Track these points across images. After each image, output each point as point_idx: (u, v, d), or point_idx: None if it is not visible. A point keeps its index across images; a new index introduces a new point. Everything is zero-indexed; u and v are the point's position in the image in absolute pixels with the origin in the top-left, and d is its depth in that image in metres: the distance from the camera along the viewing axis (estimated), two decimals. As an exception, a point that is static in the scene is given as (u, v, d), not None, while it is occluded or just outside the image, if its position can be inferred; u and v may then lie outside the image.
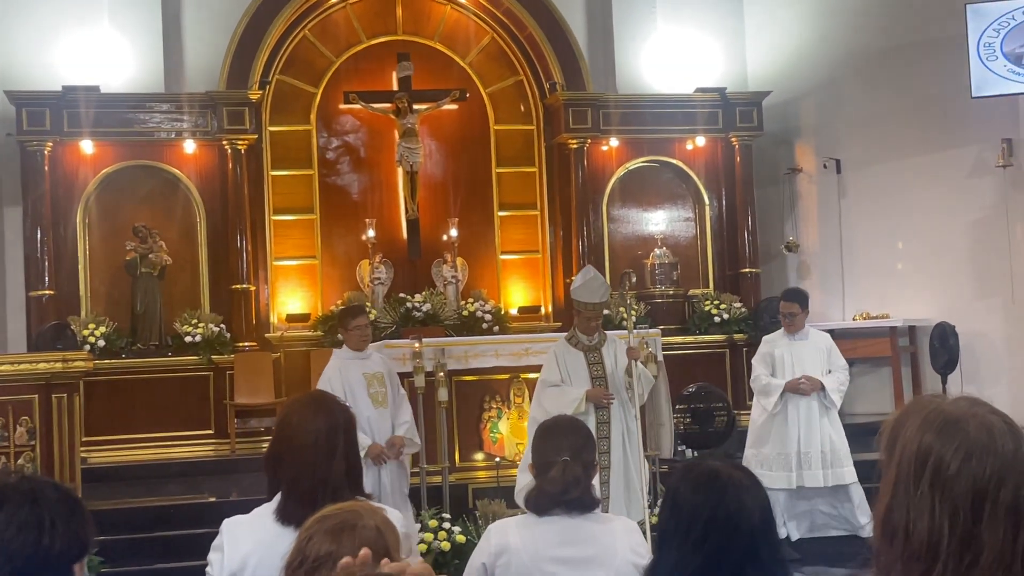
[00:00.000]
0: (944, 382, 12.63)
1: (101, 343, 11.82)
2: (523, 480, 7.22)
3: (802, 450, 8.77)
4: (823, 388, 8.78)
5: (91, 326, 11.92)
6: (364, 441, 7.51)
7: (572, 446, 3.56)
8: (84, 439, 10.31)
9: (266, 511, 3.16)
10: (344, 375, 7.95)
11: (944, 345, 12.60)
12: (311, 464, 3.09)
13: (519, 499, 7.15)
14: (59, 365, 7.91)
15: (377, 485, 7.67)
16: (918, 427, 1.76)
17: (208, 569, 3.17)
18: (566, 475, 3.49)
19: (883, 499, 1.77)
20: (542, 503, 3.53)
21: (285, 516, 3.10)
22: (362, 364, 8.05)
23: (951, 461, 1.71)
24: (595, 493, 3.62)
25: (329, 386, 7.71)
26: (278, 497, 3.17)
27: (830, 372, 8.93)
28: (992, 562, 1.68)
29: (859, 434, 12.39)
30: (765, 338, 9.23)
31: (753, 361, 9.17)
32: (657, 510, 8.24)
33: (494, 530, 3.66)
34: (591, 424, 7.29)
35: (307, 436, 3.12)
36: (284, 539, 2.94)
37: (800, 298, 8.97)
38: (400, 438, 7.99)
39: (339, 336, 8.91)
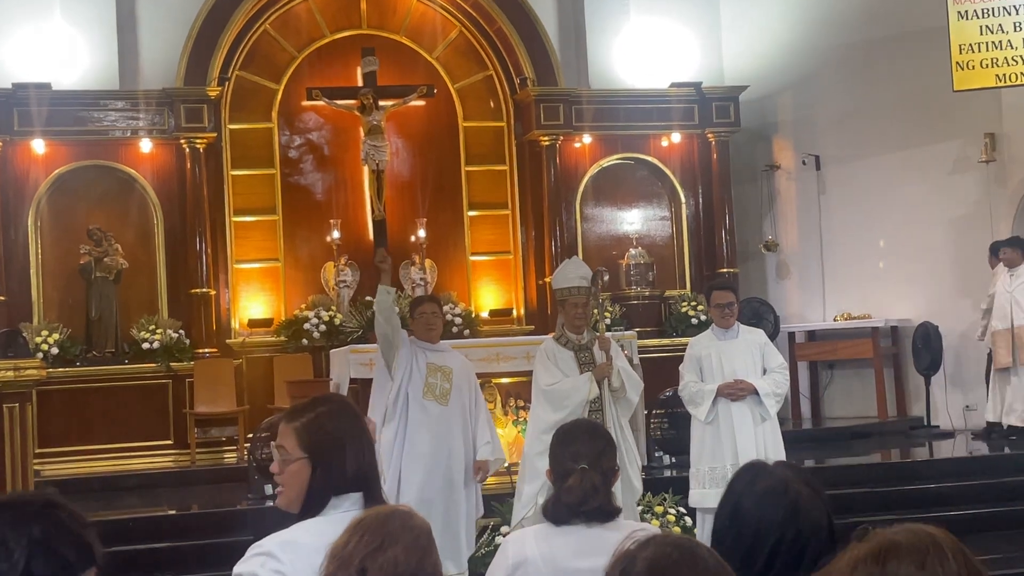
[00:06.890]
0: (928, 383, 12.44)
1: (55, 351, 11.60)
2: (528, 490, 6.98)
3: (740, 463, 7.36)
4: (756, 392, 7.59)
5: (44, 333, 11.70)
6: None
7: (590, 453, 3.52)
8: (37, 450, 10.10)
9: (327, 526, 2.73)
10: (412, 354, 7.48)
11: (927, 346, 12.38)
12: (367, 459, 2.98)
13: (520, 511, 6.99)
14: (10, 374, 7.67)
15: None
16: None
17: None
18: (584, 485, 3.44)
19: None
20: (560, 513, 3.47)
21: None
22: (430, 354, 7.53)
23: None
24: (615, 501, 3.58)
25: (400, 362, 7.41)
26: (340, 511, 2.84)
27: (765, 373, 7.74)
28: None
29: (840, 438, 12.19)
30: (691, 341, 8.16)
31: (680, 368, 7.95)
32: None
33: (511, 541, 3.62)
34: None
35: (354, 432, 2.97)
36: None
37: (735, 286, 8.29)
38: (484, 462, 7.45)
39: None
